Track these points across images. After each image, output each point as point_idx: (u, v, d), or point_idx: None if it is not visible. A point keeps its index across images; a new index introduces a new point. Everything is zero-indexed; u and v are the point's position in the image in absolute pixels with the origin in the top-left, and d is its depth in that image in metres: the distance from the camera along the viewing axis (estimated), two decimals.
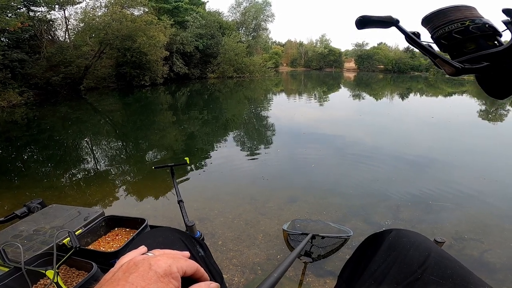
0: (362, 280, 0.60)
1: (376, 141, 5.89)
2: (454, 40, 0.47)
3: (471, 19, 0.46)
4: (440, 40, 0.49)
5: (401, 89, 20.73)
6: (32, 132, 7.03)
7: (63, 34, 16.63)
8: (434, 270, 0.53)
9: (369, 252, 0.65)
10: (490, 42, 0.46)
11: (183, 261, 0.42)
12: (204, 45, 23.22)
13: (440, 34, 0.49)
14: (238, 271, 2.05)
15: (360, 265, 0.65)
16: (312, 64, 57.16)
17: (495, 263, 2.18)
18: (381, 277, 0.57)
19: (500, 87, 0.48)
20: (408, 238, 0.62)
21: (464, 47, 0.47)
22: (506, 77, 0.46)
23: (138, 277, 0.35)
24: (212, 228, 2.58)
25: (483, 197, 3.31)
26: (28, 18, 12.82)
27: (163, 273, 0.37)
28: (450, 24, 0.47)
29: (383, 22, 0.50)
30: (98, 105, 11.77)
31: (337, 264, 2.12)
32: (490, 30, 0.45)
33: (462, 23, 0.46)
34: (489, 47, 0.45)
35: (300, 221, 2.50)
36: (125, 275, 0.36)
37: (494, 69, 0.45)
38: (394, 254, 0.59)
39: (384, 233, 0.67)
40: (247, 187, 3.52)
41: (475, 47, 0.46)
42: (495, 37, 0.46)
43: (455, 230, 2.59)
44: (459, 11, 0.47)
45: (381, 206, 3.05)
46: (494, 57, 0.45)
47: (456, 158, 4.74)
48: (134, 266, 0.38)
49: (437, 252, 0.58)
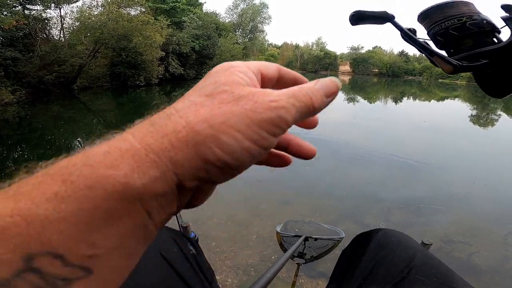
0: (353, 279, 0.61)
1: (369, 144, 5.95)
2: (451, 36, 0.45)
3: (468, 15, 0.44)
4: (436, 36, 0.47)
5: (395, 93, 20.95)
6: (23, 131, 6.95)
7: (58, 33, 16.47)
8: (419, 270, 0.55)
9: (358, 251, 0.67)
10: (489, 39, 0.44)
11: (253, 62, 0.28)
12: (201, 46, 23.19)
13: (436, 31, 0.47)
14: (231, 272, 2.06)
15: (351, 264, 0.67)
16: (307, 67, 57.41)
17: (481, 266, 2.22)
18: (371, 277, 0.58)
19: (498, 85, 0.46)
20: (395, 238, 0.65)
21: (462, 43, 0.45)
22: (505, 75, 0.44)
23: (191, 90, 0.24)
24: (206, 229, 2.59)
25: (472, 201, 3.37)
26: (23, 17, 12.66)
27: (216, 69, 0.25)
28: (446, 20, 0.45)
29: (378, 17, 0.47)
30: (91, 105, 11.67)
31: (329, 265, 2.15)
32: (488, 26, 0.44)
33: (459, 19, 0.44)
34: (487, 44, 0.43)
35: (293, 222, 2.52)
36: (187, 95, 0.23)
37: (492, 67, 0.44)
38: (382, 254, 0.61)
39: (372, 232, 0.70)
40: (240, 188, 3.53)
41: (472, 44, 0.44)
42: (494, 33, 0.44)
43: (444, 233, 2.63)
44: (456, 6, 0.46)
45: (373, 208, 3.09)
46: (492, 54, 0.43)
47: (447, 162, 4.82)
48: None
49: (422, 252, 0.60)
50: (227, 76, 0.23)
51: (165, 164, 0.18)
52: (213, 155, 0.19)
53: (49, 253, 0.15)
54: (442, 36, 0.46)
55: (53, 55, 13.71)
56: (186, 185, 0.19)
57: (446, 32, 0.45)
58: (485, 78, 0.47)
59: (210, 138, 0.19)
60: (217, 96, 0.21)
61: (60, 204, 0.16)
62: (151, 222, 0.19)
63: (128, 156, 0.18)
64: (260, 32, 37.51)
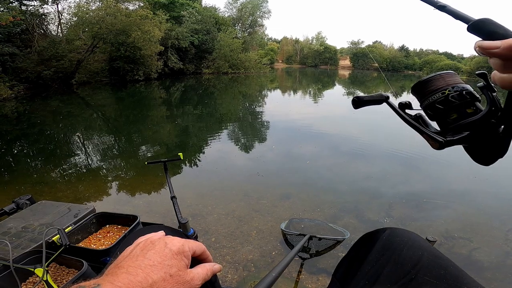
0: (356, 279, 0.60)
1: (370, 138, 5.93)
2: (438, 110, 0.48)
3: (451, 87, 0.47)
4: (427, 110, 0.50)
5: (395, 88, 20.88)
6: (22, 126, 6.91)
7: (56, 28, 16.34)
8: (427, 271, 0.53)
9: (363, 251, 0.65)
10: (469, 110, 0.46)
11: (193, 242, 0.46)
12: (200, 41, 23.03)
13: (426, 105, 0.50)
14: (231, 268, 2.05)
15: (354, 264, 0.65)
16: (307, 61, 57.16)
17: (483, 262, 2.21)
18: (375, 277, 0.57)
19: (484, 154, 0.48)
20: (401, 237, 0.62)
21: (447, 116, 0.48)
22: (487, 144, 0.46)
23: (155, 253, 0.40)
24: (206, 224, 2.57)
25: (473, 196, 3.36)
26: (20, 12, 12.56)
27: (176, 250, 0.41)
28: (432, 95, 0.48)
29: (375, 100, 0.54)
30: (90, 100, 11.61)
31: (330, 262, 2.14)
32: (468, 96, 0.46)
33: (443, 92, 0.47)
34: (468, 115, 0.46)
35: (297, 220, 2.51)
36: (143, 252, 0.40)
37: (474, 138, 0.46)
38: (387, 254, 0.59)
39: (378, 232, 0.67)
40: (240, 184, 3.52)
41: (457, 116, 0.47)
42: (474, 103, 0.46)
43: (445, 229, 2.62)
44: (441, 79, 0.48)
45: (374, 203, 3.07)
46: (472, 126, 0.45)
47: (447, 157, 4.80)
48: (151, 244, 0.42)
49: (431, 251, 0.58)
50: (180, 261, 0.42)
51: None
52: None
53: None
54: (431, 110, 0.49)
55: (51, 50, 13.63)
56: None
57: (433, 106, 0.48)
58: (472, 148, 0.49)
59: None
60: (175, 277, 0.39)
61: None
62: None
63: None
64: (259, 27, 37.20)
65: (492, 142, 0.45)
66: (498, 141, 0.45)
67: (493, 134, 0.44)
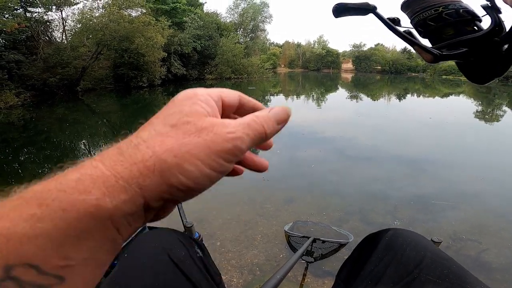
0: (359, 280, 0.60)
1: (375, 141, 5.90)
2: (429, 27, 0.46)
3: (444, 5, 0.44)
4: (417, 27, 0.48)
5: (399, 90, 20.82)
6: (29, 134, 6.99)
7: (60, 35, 16.57)
8: (430, 270, 0.53)
9: (366, 252, 0.66)
10: (469, 28, 0.44)
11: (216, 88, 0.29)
12: (202, 46, 23.21)
13: (416, 21, 0.47)
14: (236, 272, 2.04)
15: (358, 265, 0.65)
16: (310, 65, 57.27)
17: (492, 263, 2.18)
18: (378, 277, 0.57)
19: (480, 72, 0.46)
20: (404, 238, 0.62)
21: (443, 33, 0.46)
22: (485, 62, 0.44)
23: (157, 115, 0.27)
24: (211, 229, 2.57)
25: (480, 197, 3.33)
26: (25, 19, 12.77)
27: (182, 97, 0.27)
28: (424, 11, 0.46)
29: (359, 9, 0.48)
30: (95, 107, 11.72)
31: (336, 265, 2.12)
32: (467, 15, 0.44)
33: (436, 9, 0.45)
34: (467, 32, 0.44)
35: (301, 223, 2.50)
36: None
37: (472, 55, 0.44)
38: (390, 254, 0.59)
39: (381, 232, 0.68)
40: (245, 188, 3.52)
41: (453, 33, 0.45)
42: (474, 22, 0.44)
43: (453, 230, 2.60)
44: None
45: (380, 206, 3.05)
46: (472, 43, 0.43)
47: (454, 158, 4.77)
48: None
49: (434, 251, 0.58)
50: (190, 106, 0.25)
51: (134, 189, 0.21)
52: (177, 181, 0.22)
53: (26, 264, 0.18)
54: (422, 27, 0.47)
55: (56, 57, 13.80)
56: (152, 205, 0.22)
57: (424, 23, 0.46)
58: (467, 65, 0.48)
59: (175, 166, 0.22)
60: (181, 127, 0.24)
61: (36, 223, 0.18)
62: (119, 237, 0.22)
63: (99, 182, 0.20)
64: (261, 31, 37.47)
65: (492, 61, 0.44)
66: (500, 60, 0.43)
67: (495, 53, 0.43)
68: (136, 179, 0.21)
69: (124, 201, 0.20)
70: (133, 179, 0.21)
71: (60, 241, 0.19)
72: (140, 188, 0.21)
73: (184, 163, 0.22)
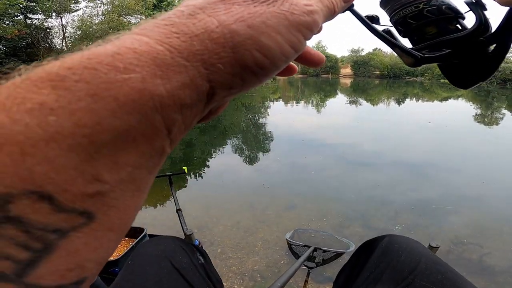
0: (356, 285, 0.61)
1: (375, 147, 5.91)
2: (410, 25, 0.41)
3: (425, 1, 0.40)
4: (397, 25, 0.43)
5: (398, 94, 20.92)
6: None
7: (60, 42, 16.70)
8: (425, 276, 0.53)
9: (363, 258, 0.67)
10: (452, 26, 0.40)
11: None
12: None
13: (396, 20, 0.43)
14: (237, 279, 2.03)
15: (354, 271, 0.66)
16: (309, 71, 57.48)
17: (494, 266, 2.18)
18: (374, 282, 0.58)
19: (463, 75, 0.42)
20: (400, 244, 0.63)
21: (425, 32, 0.41)
22: (470, 65, 0.40)
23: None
24: (211, 236, 2.56)
25: (482, 201, 3.32)
26: (25, 26, 12.89)
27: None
28: (404, 8, 0.41)
29: None
30: None
31: (336, 270, 2.11)
32: (450, 12, 0.39)
33: (416, 6, 0.40)
34: (451, 31, 0.39)
35: (302, 231, 2.49)
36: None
37: (456, 57, 0.40)
38: (386, 260, 0.60)
39: (378, 239, 0.69)
40: (246, 195, 3.51)
41: (436, 32, 0.40)
42: (457, 20, 0.40)
43: (454, 235, 2.59)
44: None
45: (382, 211, 3.05)
46: (456, 43, 0.39)
47: (454, 163, 4.78)
48: None
49: (428, 257, 0.59)
50: None
51: (197, 69, 0.15)
52: (253, 59, 0.17)
53: (32, 193, 0.10)
54: (402, 26, 0.43)
55: None
56: (218, 94, 0.17)
57: (404, 21, 0.42)
58: (449, 68, 0.43)
59: (250, 40, 0.16)
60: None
61: (47, 117, 0.11)
62: (168, 144, 0.15)
63: (147, 58, 0.14)
64: None
65: (477, 62, 0.40)
66: (485, 62, 0.39)
67: (481, 54, 0.39)
68: (201, 56, 0.15)
69: (182, 85, 0.14)
70: (195, 56, 0.15)
71: (87, 151, 0.11)
72: (205, 69, 0.15)
73: (260, 36, 0.17)
